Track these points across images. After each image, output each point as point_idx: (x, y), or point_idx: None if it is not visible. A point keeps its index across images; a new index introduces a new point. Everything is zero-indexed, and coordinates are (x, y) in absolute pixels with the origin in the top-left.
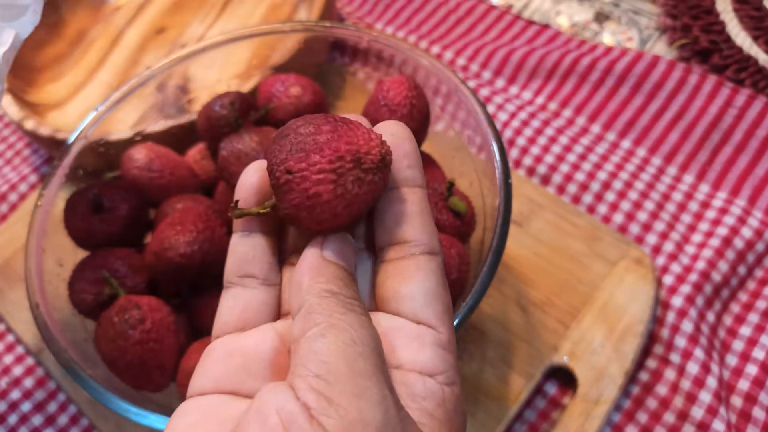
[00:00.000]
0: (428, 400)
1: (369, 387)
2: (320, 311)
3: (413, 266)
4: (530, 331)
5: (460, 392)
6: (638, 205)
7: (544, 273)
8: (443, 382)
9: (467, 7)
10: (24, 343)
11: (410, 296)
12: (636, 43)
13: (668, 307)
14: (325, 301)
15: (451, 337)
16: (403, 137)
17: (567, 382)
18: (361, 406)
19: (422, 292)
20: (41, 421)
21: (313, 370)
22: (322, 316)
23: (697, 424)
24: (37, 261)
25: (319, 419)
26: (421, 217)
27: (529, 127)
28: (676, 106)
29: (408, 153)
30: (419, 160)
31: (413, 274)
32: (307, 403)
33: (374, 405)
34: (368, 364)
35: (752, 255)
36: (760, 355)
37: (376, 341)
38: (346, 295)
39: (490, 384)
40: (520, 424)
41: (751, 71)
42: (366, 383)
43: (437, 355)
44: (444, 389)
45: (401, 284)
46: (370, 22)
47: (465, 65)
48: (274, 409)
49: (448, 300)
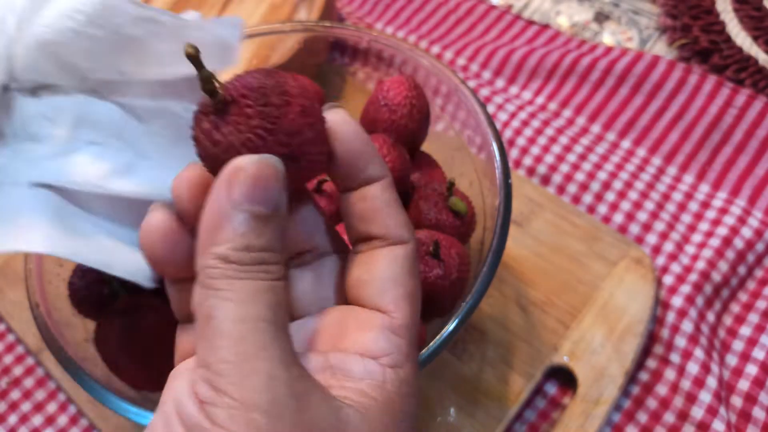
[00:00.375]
0: (365, 381)
1: (256, 368)
2: (209, 284)
3: (376, 255)
4: (530, 331)
5: (411, 377)
6: (638, 205)
7: (544, 273)
8: (386, 363)
9: (467, 7)
10: (24, 343)
11: (369, 283)
12: (636, 43)
13: (668, 307)
14: (216, 270)
15: (407, 322)
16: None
17: (567, 382)
18: (245, 390)
19: (381, 278)
20: (41, 421)
21: (203, 358)
22: (210, 291)
23: (697, 424)
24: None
25: (208, 412)
26: (384, 212)
27: (529, 127)
28: (676, 106)
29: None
30: (374, 153)
31: (375, 263)
32: (202, 397)
33: (260, 387)
34: (258, 341)
35: (752, 255)
36: (760, 355)
37: (274, 310)
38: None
39: (490, 384)
40: (520, 424)
41: (751, 71)
42: (253, 365)
43: (383, 337)
44: (386, 371)
45: (363, 272)
46: (370, 22)
47: (465, 65)
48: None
49: (411, 286)
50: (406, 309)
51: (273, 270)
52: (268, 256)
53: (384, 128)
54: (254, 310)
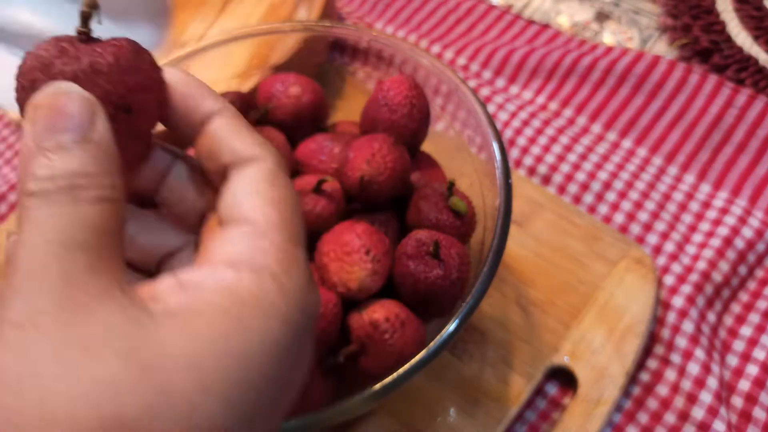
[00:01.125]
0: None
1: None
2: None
3: (229, 179)
4: (530, 332)
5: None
6: (639, 205)
7: (544, 273)
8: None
9: (467, 7)
10: None
11: (223, 202)
12: (636, 42)
13: (669, 308)
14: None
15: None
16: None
17: (567, 383)
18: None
19: (234, 193)
20: None
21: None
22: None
23: (698, 424)
24: None
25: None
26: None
27: (529, 126)
28: (676, 106)
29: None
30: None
31: (229, 185)
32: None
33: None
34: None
35: (753, 255)
36: (760, 356)
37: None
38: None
39: (491, 384)
40: (520, 425)
41: (752, 71)
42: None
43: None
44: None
45: (221, 200)
46: (370, 22)
47: (465, 65)
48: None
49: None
50: (270, 214)
51: (85, 194)
52: (79, 180)
53: (384, 128)
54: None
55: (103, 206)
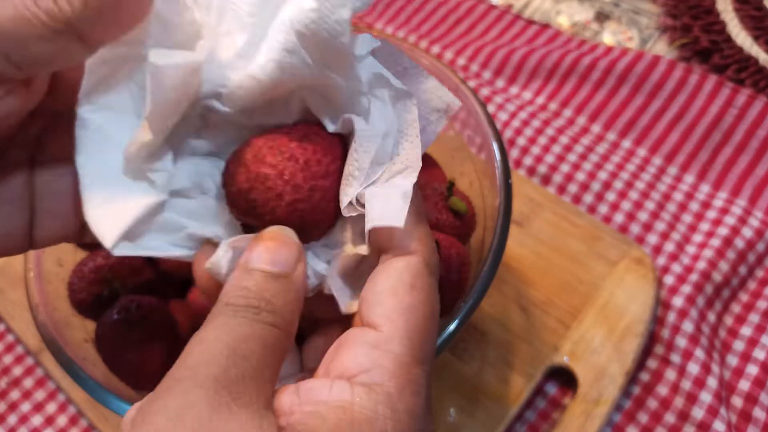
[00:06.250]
0: (325, 404)
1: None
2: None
3: (379, 269)
4: (530, 331)
5: (396, 395)
6: (639, 205)
7: (544, 273)
8: (361, 382)
9: (467, 7)
10: (24, 343)
11: (365, 298)
12: (636, 42)
13: (669, 307)
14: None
15: (394, 335)
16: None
17: (567, 383)
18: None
19: (375, 292)
20: (41, 422)
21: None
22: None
23: (698, 424)
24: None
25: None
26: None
27: (529, 127)
28: (676, 106)
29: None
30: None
31: (375, 277)
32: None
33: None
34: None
35: (753, 255)
36: (760, 356)
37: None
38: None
39: (491, 384)
40: (520, 425)
41: (752, 71)
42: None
43: (362, 353)
44: (356, 390)
45: (366, 289)
46: (370, 22)
47: (465, 65)
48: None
49: (409, 299)
50: (398, 323)
51: (264, 316)
52: (264, 304)
53: None
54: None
55: (274, 331)
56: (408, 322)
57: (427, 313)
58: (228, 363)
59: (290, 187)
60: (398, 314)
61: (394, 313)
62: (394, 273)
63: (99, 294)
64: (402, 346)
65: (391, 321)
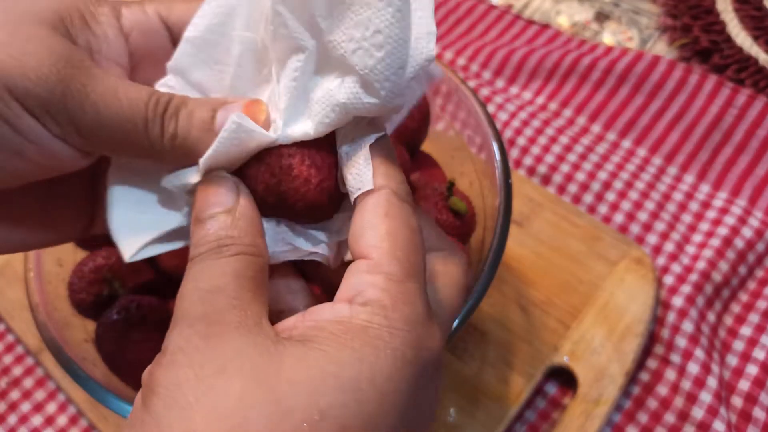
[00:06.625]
0: (324, 319)
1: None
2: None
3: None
4: (530, 331)
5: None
6: (639, 205)
7: (544, 273)
8: (358, 302)
9: (467, 7)
10: (24, 343)
11: (350, 240)
12: (636, 42)
13: (669, 307)
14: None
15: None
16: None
17: (567, 383)
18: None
19: (355, 226)
20: (41, 422)
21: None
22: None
23: (698, 424)
24: (36, 261)
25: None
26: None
27: (529, 127)
28: (676, 106)
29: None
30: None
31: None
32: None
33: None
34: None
35: (753, 255)
36: (760, 356)
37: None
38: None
39: (491, 384)
40: (520, 425)
41: (752, 71)
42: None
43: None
44: (354, 308)
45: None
46: None
47: (465, 65)
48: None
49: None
50: (381, 247)
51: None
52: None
53: None
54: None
55: (241, 258)
56: (392, 244)
57: (407, 234)
58: (207, 299)
59: (314, 170)
60: (381, 240)
61: (377, 240)
62: (367, 208)
63: (99, 294)
64: (390, 266)
65: (376, 248)
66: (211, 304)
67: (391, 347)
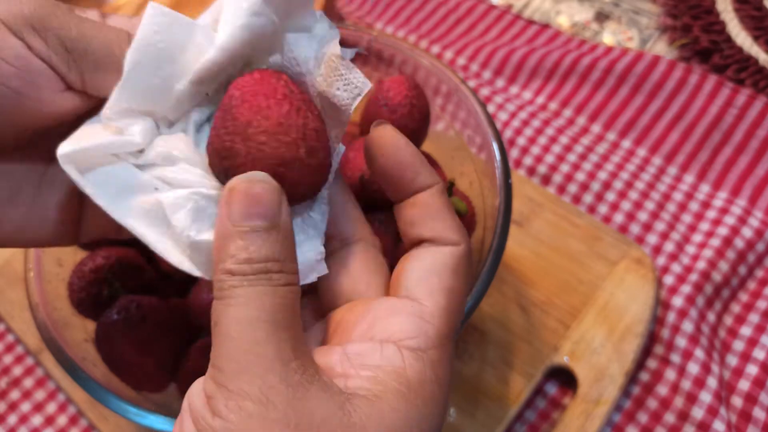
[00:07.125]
0: (381, 368)
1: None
2: (218, 296)
3: (423, 252)
4: (530, 331)
5: (438, 362)
6: (639, 205)
7: (544, 273)
8: (408, 347)
9: (467, 7)
10: (24, 343)
11: (408, 273)
12: (636, 42)
13: (669, 307)
14: (223, 284)
15: (438, 312)
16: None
17: (567, 383)
18: (240, 382)
19: (420, 269)
20: (41, 421)
21: (212, 359)
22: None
23: (698, 424)
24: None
25: (211, 405)
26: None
27: (529, 126)
28: (676, 106)
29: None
30: (422, 163)
31: (419, 257)
32: (207, 393)
33: (253, 378)
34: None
35: (753, 255)
36: (760, 355)
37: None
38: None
39: (491, 384)
40: (520, 425)
41: (752, 71)
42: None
43: (408, 321)
44: (406, 355)
45: (406, 265)
46: (370, 22)
47: (465, 65)
48: (188, 406)
49: (451, 282)
50: (440, 300)
51: (277, 277)
52: (271, 265)
53: None
54: (253, 313)
55: (291, 289)
56: (448, 301)
57: (462, 296)
58: (277, 339)
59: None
60: (440, 293)
61: (438, 292)
62: (440, 257)
63: (99, 294)
64: (441, 320)
65: (434, 298)
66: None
67: (441, 403)
